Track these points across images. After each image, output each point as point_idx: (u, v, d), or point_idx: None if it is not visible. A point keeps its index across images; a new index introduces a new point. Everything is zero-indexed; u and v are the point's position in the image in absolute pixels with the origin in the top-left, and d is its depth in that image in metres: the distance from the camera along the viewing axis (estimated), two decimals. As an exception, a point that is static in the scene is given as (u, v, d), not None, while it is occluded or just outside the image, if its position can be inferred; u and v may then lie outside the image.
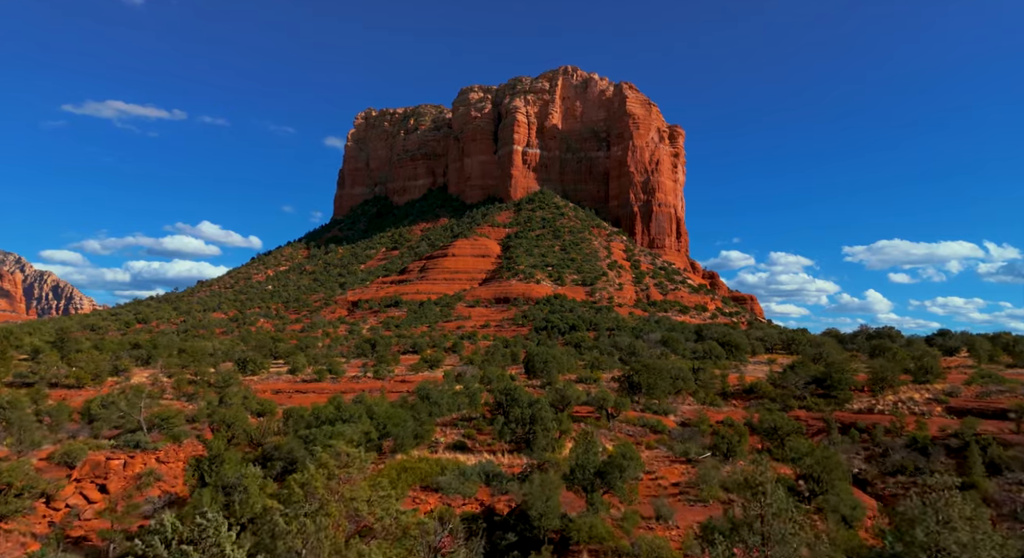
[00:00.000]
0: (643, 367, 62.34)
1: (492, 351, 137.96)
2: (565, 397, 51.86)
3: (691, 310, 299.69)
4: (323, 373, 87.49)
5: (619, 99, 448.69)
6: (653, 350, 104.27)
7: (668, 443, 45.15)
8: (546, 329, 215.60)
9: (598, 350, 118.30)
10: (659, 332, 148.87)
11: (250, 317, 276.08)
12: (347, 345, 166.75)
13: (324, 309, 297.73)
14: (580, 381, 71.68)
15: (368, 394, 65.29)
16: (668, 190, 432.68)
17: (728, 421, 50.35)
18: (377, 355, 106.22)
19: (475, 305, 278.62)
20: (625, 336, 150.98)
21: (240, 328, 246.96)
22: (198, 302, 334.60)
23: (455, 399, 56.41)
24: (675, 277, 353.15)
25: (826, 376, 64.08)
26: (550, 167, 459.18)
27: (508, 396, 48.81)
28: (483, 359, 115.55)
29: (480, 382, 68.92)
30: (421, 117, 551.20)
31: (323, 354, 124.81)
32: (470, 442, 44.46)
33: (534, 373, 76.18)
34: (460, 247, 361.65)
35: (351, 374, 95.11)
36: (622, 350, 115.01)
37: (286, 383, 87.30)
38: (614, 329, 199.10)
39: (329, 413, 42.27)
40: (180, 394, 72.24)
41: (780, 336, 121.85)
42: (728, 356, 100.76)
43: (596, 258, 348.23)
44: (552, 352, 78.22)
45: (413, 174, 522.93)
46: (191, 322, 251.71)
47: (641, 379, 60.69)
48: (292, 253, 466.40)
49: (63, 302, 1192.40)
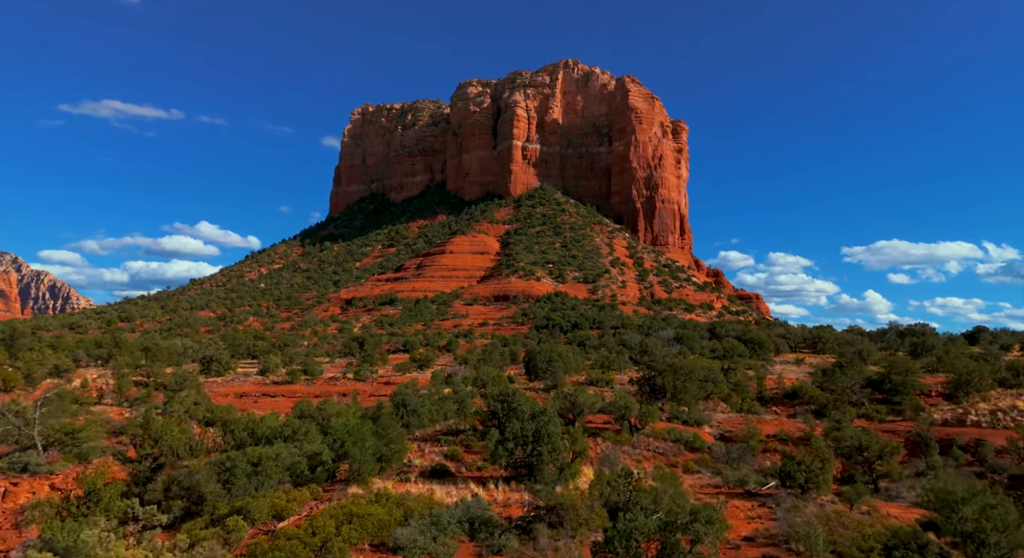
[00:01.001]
0: (667, 367, 51.88)
1: (489, 350, 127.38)
2: (576, 404, 41.43)
3: (697, 308, 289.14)
4: (296, 374, 76.92)
5: (621, 93, 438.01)
6: (668, 349, 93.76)
7: (712, 465, 34.88)
8: (547, 327, 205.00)
9: (606, 349, 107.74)
10: (671, 329, 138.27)
11: (239, 315, 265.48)
12: (335, 344, 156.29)
13: (316, 307, 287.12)
14: (590, 383, 61.33)
15: (339, 399, 55.06)
16: (671, 186, 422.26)
17: (782, 435, 40.12)
18: (363, 354, 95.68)
19: (473, 303, 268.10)
20: (633, 334, 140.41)
21: (227, 326, 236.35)
22: (187, 301, 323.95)
23: (440, 407, 45.97)
24: (679, 275, 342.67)
25: (884, 379, 53.75)
26: (550, 163, 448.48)
27: (505, 404, 38.39)
28: (479, 358, 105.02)
29: (473, 384, 58.51)
30: (419, 112, 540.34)
31: (304, 353, 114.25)
32: (454, 465, 34.07)
33: (536, 374, 65.79)
34: (458, 244, 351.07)
35: (330, 375, 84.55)
36: (632, 348, 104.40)
37: (253, 386, 76.74)
38: (619, 327, 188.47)
39: (266, 429, 31.70)
40: (122, 399, 61.65)
41: (803, 333, 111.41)
42: (752, 355, 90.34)
43: (598, 255, 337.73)
44: (557, 349, 67.73)
45: (411, 170, 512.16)
46: (177, 320, 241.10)
47: (665, 381, 50.32)
48: (286, 251, 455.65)
49: (60, 302, 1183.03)
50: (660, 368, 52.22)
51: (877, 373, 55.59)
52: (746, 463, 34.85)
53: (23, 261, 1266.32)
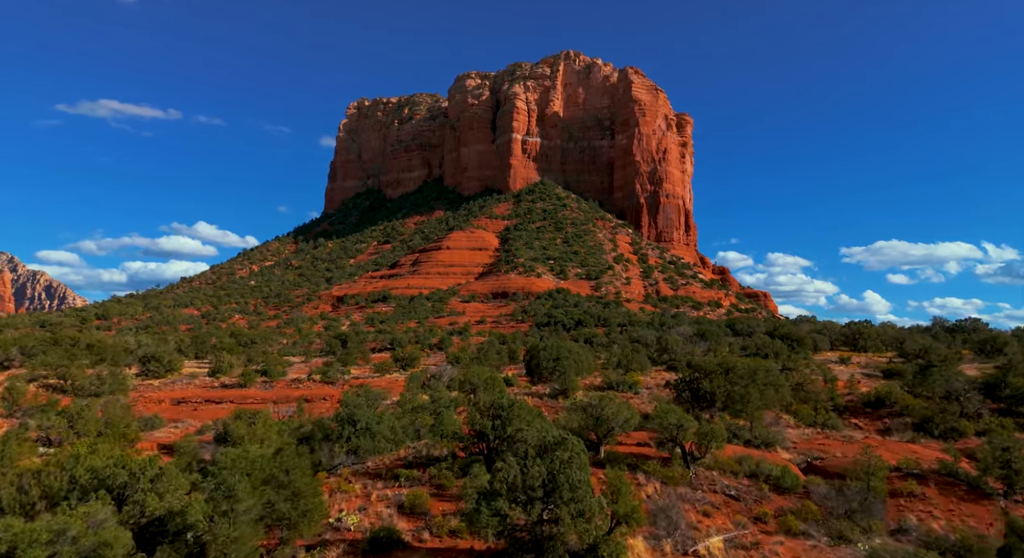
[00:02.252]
0: (717, 367, 38.74)
1: (485, 348, 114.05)
2: (603, 420, 28.28)
3: (705, 306, 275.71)
4: (251, 376, 63.66)
5: (624, 84, 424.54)
6: (691, 346, 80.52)
7: (823, 521, 21.87)
8: (549, 325, 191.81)
9: (618, 346, 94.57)
10: (688, 325, 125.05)
11: (223, 313, 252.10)
12: (319, 342, 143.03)
13: (306, 305, 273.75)
14: (609, 387, 48.29)
15: (274, 407, 42.24)
16: (676, 181, 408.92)
17: (908, 466, 27.08)
18: (343, 353, 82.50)
19: (470, 300, 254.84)
20: (644, 330, 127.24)
21: (209, 324, 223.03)
22: (173, 298, 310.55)
23: (410, 422, 32.79)
24: (685, 272, 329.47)
25: (999, 382, 40.89)
26: (551, 157, 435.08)
27: (499, 420, 25.33)
28: (472, 357, 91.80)
29: (460, 389, 45.40)
30: (416, 106, 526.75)
31: (276, 352, 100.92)
32: (413, 525, 20.84)
33: (540, 376, 52.73)
34: (455, 240, 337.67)
35: (295, 376, 71.25)
36: (648, 346, 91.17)
37: (198, 389, 63.49)
38: (626, 324, 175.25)
39: (90, 474, 18.41)
40: (13, 407, 48.44)
41: (841, 329, 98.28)
42: (791, 354, 77.16)
43: (601, 251, 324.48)
44: (565, 345, 54.54)
45: (407, 166, 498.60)
46: (156, 318, 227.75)
47: (715, 386, 37.30)
48: (279, 248, 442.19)
49: (56, 302, 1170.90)
50: (708, 368, 39.10)
51: (993, 377, 42.61)
52: (876, 516, 21.96)
53: (19, 261, 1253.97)
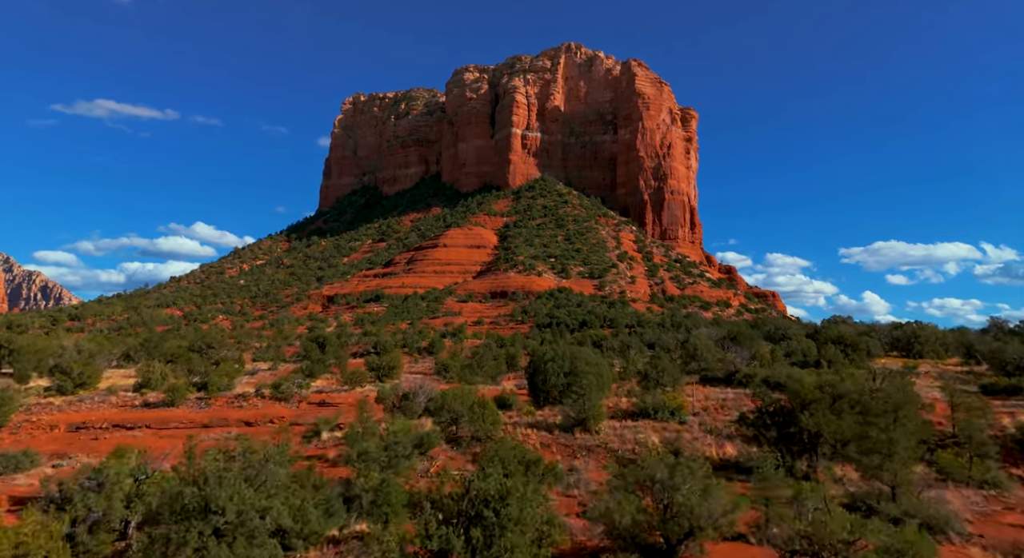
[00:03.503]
0: (820, 394, 25.46)
1: (480, 352, 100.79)
2: (678, 512, 14.67)
3: (713, 306, 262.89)
4: (181, 391, 50.49)
5: (627, 77, 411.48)
6: (725, 353, 67.40)
7: None
8: (550, 326, 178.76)
9: (635, 351, 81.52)
10: (704, 326, 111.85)
11: (206, 313, 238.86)
12: (298, 344, 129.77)
13: (295, 305, 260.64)
14: (642, 413, 35.17)
15: (202, 435, 29.47)
16: (681, 177, 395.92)
17: None
18: (307, 364, 69.47)
19: (467, 300, 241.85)
20: (661, 334, 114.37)
21: (189, 325, 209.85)
22: (157, 298, 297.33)
23: (341, 492, 19.25)
24: (692, 270, 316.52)
25: None
26: (552, 152, 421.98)
27: (480, 527, 12.34)
28: (465, 364, 78.68)
29: (435, 417, 32.06)
30: (413, 101, 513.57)
31: (241, 358, 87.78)
32: None
33: (547, 395, 39.85)
34: (453, 237, 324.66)
35: (243, 390, 57.99)
36: (671, 351, 78.01)
37: (113, 409, 50.32)
38: (635, 325, 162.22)
39: None
40: None
41: (892, 332, 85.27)
42: (846, 362, 64.19)
43: (604, 249, 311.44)
44: (578, 354, 41.54)
45: (404, 162, 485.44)
46: (133, 320, 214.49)
47: (819, 421, 24.24)
48: (271, 246, 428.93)
49: (52, 303, 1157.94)
50: (803, 393, 25.78)
51: None
52: None
53: (15, 261, 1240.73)
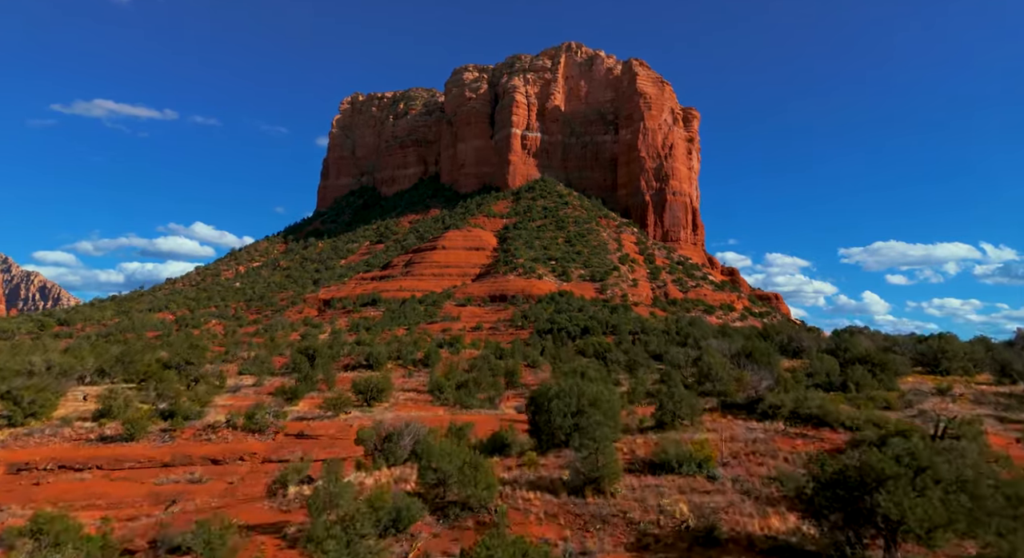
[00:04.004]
0: (900, 467, 19.98)
1: (478, 365, 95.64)
2: None
3: (717, 310, 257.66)
4: (141, 424, 45.15)
5: (628, 77, 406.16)
6: (746, 374, 62.02)
7: None
8: (551, 332, 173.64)
9: (643, 369, 76.23)
10: (712, 335, 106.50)
11: (200, 317, 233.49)
12: (288, 355, 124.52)
13: (291, 309, 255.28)
14: (663, 465, 29.84)
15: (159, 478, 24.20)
16: (683, 177, 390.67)
17: None
18: (290, 388, 64.23)
19: (466, 304, 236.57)
20: (669, 347, 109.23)
21: (181, 330, 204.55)
22: (151, 301, 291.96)
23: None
24: (695, 273, 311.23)
25: None
26: (552, 153, 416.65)
27: None
28: (461, 379, 73.58)
29: (421, 478, 26.67)
30: (411, 101, 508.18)
31: (223, 372, 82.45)
32: None
33: (551, 437, 34.66)
34: (451, 239, 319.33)
35: (213, 418, 52.59)
36: (681, 367, 72.82)
37: (64, 444, 44.97)
38: (638, 332, 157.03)
39: None
40: None
41: (916, 346, 79.81)
42: (874, 382, 58.86)
43: (605, 251, 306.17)
44: (587, 391, 36.13)
45: (403, 162, 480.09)
46: (123, 325, 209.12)
47: (902, 504, 18.79)
48: (268, 248, 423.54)
49: (50, 303, 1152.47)
50: (882, 467, 19.93)
51: None
52: None
53: (13, 262, 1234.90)
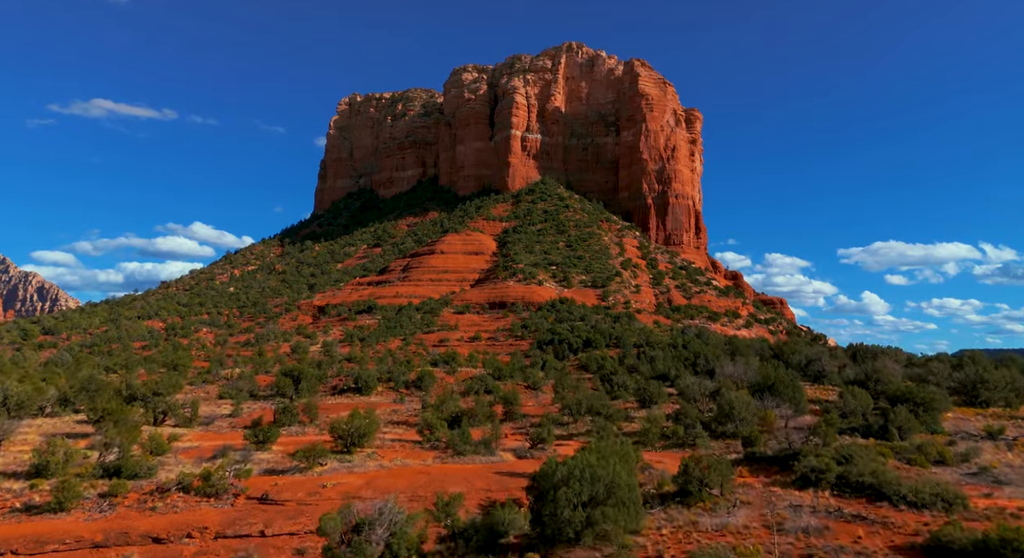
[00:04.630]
0: None
1: (475, 388, 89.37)
2: None
3: (722, 317, 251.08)
4: (74, 488, 38.56)
5: (630, 77, 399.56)
6: (771, 414, 55.43)
7: None
8: (552, 343, 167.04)
9: (655, 400, 69.62)
10: (723, 354, 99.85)
11: (190, 325, 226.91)
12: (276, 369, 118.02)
13: (284, 316, 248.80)
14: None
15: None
16: (685, 180, 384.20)
17: None
18: (261, 431, 57.69)
19: (464, 311, 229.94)
20: (676, 363, 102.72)
21: (169, 340, 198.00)
22: (142, 307, 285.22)
23: None
24: (699, 278, 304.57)
25: None
26: (552, 154, 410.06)
27: None
28: (454, 413, 67.37)
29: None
30: (410, 102, 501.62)
31: (191, 401, 75.82)
32: None
33: (558, 529, 28.22)
34: (449, 243, 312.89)
35: (164, 477, 45.84)
36: (697, 400, 66.27)
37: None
38: (643, 345, 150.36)
39: None
40: None
41: (953, 373, 72.87)
42: (920, 423, 52.26)
43: (607, 256, 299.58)
44: (599, 471, 29.70)
45: (401, 164, 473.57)
46: (110, 334, 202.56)
47: None
48: (263, 251, 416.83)
49: (48, 304, 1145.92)
50: None
51: None
52: None
53: (11, 262, 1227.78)
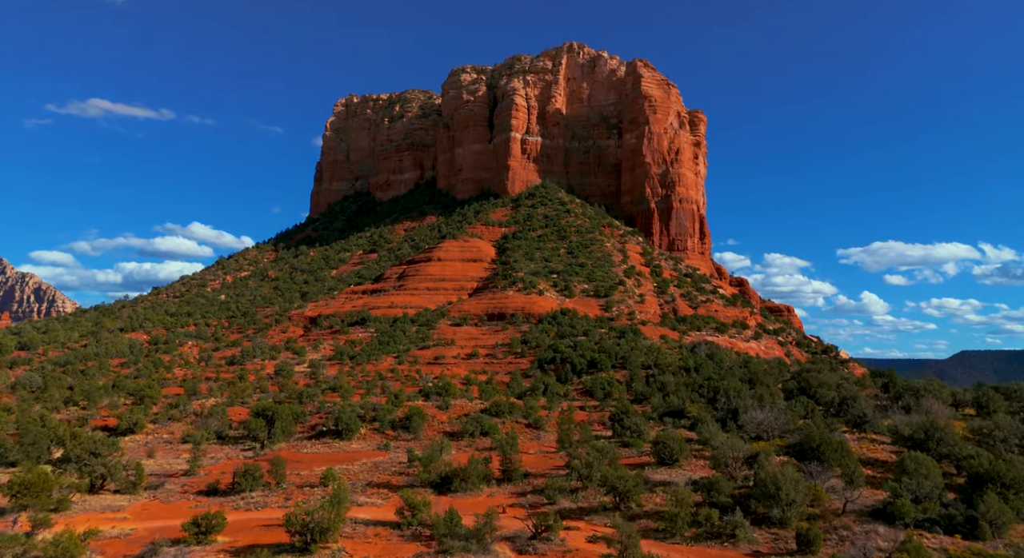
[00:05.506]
0: None
1: (469, 430, 79.91)
2: None
3: (730, 328, 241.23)
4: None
5: (633, 79, 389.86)
6: (820, 488, 45.65)
7: None
8: (553, 362, 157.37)
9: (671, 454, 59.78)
10: (739, 379, 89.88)
11: (175, 339, 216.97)
12: (250, 403, 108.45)
13: (275, 327, 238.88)
14: None
15: None
16: (689, 184, 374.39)
17: None
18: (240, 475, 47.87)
19: (462, 323, 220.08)
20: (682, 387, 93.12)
21: (151, 356, 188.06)
22: (129, 316, 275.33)
23: None
24: (704, 286, 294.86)
25: None
26: (553, 157, 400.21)
27: None
28: (446, 472, 57.90)
29: None
30: (407, 103, 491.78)
31: (126, 470, 66.07)
32: None
33: None
34: (447, 250, 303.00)
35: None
36: (720, 462, 56.49)
37: None
38: (651, 367, 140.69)
39: None
40: None
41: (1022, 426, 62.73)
42: (1011, 512, 42.57)
43: (610, 263, 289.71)
44: None
45: (398, 167, 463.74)
46: (88, 350, 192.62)
47: None
48: (257, 256, 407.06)
49: (45, 305, 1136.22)
50: None
51: None
52: None
53: (7, 263, 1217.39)
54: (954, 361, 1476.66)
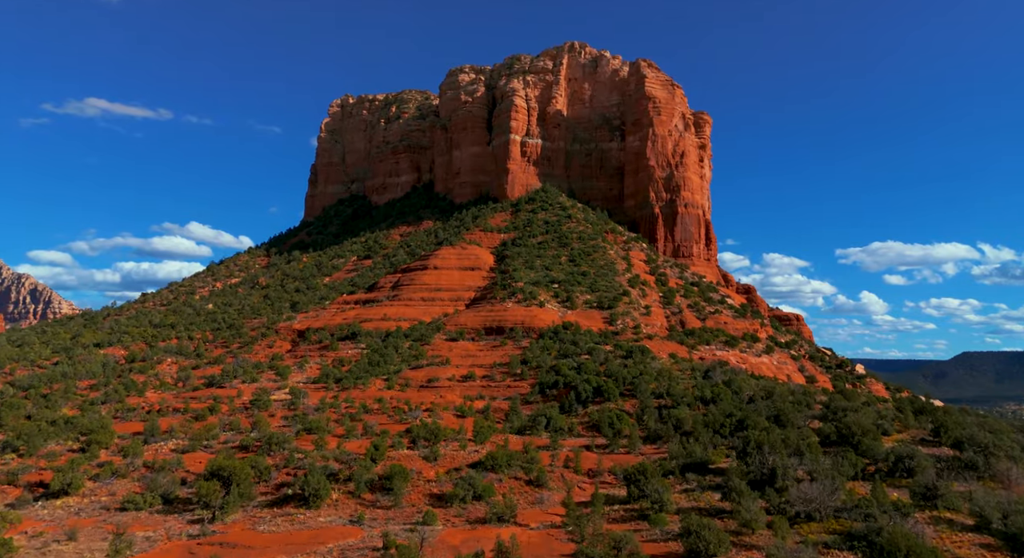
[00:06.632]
0: None
1: (459, 496, 67.72)
2: None
3: (740, 342, 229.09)
4: None
5: (636, 79, 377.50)
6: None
7: None
8: (556, 387, 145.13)
9: (707, 549, 47.61)
10: (763, 408, 77.60)
11: (155, 354, 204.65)
12: (215, 447, 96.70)
13: (261, 341, 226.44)
14: None
15: None
16: (695, 188, 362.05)
17: None
18: None
19: (458, 338, 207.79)
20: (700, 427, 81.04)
21: (124, 376, 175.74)
22: (112, 327, 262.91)
23: None
24: (712, 295, 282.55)
25: None
26: (554, 160, 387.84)
27: None
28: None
29: None
30: (404, 104, 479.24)
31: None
32: None
33: None
34: (444, 257, 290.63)
35: None
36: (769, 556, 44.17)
37: None
38: (664, 396, 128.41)
39: None
40: None
41: None
42: None
43: (613, 271, 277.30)
44: None
45: (394, 169, 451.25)
46: (59, 370, 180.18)
47: None
48: (248, 262, 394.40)
49: (41, 306, 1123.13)
50: None
51: None
52: None
53: (3, 263, 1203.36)
54: (955, 362, 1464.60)
